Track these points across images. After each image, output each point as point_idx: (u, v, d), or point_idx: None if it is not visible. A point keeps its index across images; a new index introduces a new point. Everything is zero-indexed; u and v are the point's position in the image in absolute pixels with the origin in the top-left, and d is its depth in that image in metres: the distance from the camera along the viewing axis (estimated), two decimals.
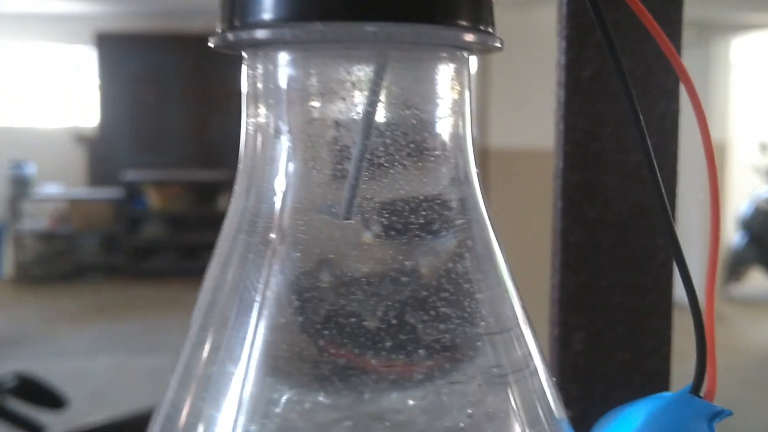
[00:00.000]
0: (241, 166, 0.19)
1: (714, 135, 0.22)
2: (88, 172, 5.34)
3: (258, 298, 0.17)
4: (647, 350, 0.33)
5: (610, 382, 0.33)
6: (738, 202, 4.50)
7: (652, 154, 0.21)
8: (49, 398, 1.98)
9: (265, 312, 0.17)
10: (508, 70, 3.14)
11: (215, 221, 4.98)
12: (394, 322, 0.18)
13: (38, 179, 5.00)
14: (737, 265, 4.34)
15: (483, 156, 3.44)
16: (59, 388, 2.00)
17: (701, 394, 0.22)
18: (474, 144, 0.20)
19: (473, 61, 0.19)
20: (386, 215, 0.18)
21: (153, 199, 5.01)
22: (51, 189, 5.04)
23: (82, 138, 5.31)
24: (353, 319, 0.17)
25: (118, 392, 3.05)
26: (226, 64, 4.70)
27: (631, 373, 0.33)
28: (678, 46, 0.32)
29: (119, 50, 5.19)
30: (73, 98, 5.39)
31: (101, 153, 5.26)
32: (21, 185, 4.85)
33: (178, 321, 3.92)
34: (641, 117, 0.21)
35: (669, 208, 0.22)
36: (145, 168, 5.13)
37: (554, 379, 0.20)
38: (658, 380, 0.33)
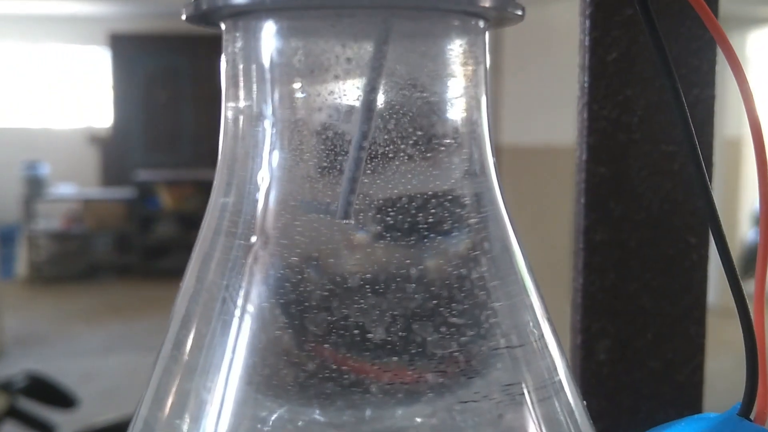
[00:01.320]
0: (220, 158, 0.16)
1: (728, 130, 0.20)
2: (101, 173, 5.34)
3: (238, 310, 0.15)
4: (678, 360, 0.30)
5: (637, 394, 0.30)
6: (754, 198, 4.44)
7: (696, 141, 0.18)
8: (60, 398, 1.98)
9: (247, 325, 0.15)
10: (520, 65, 3.10)
11: None
12: (398, 333, 0.15)
13: (52, 180, 5.01)
14: (753, 261, 4.28)
15: (495, 153, 3.39)
16: (69, 388, 1.99)
17: (752, 416, 0.20)
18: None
19: (488, 34, 0.16)
20: (389, 214, 0.15)
21: (165, 199, 5.01)
22: (64, 189, 5.05)
23: (95, 138, 5.32)
24: (349, 331, 0.15)
25: (130, 391, 3.04)
26: None
27: (660, 385, 0.30)
28: (713, 55, 0.29)
29: (132, 51, 5.19)
30: (86, 99, 5.40)
31: (114, 153, 5.27)
32: (35, 186, 4.86)
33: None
34: (684, 101, 0.19)
35: (712, 203, 0.20)
36: (158, 168, 5.13)
37: (583, 399, 0.18)
38: (691, 393, 0.30)
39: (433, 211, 0.16)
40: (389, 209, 0.15)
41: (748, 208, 4.44)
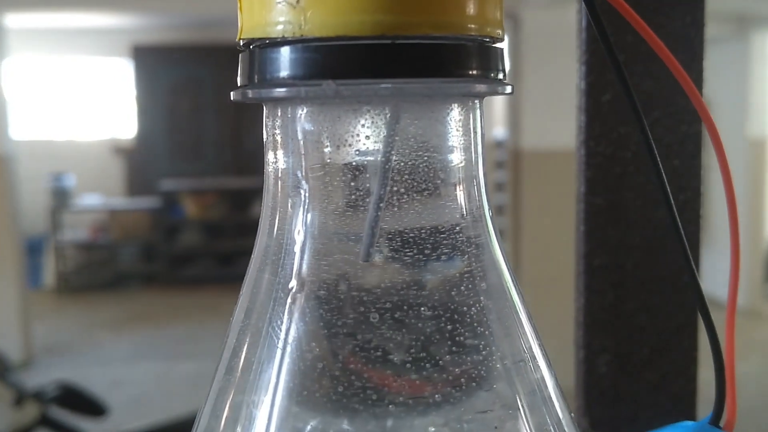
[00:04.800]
0: (263, 205, 0.20)
1: (752, 130, 0.22)
2: (127, 183, 5.43)
3: (280, 342, 0.18)
4: (673, 372, 0.33)
5: (636, 404, 0.33)
6: None
7: (665, 177, 0.21)
8: (90, 406, 2.03)
9: (287, 353, 0.18)
10: (540, 70, 3.12)
11: (251, 228, 5.02)
12: (411, 355, 0.18)
13: (78, 191, 5.11)
14: None
15: (515, 157, 3.43)
16: (99, 397, 2.04)
17: (721, 424, 0.22)
18: (505, 146, 0.20)
19: (482, 105, 0.20)
20: (400, 253, 0.18)
21: (189, 208, 5.08)
22: (90, 200, 5.14)
23: (119, 149, 5.41)
24: (371, 355, 0.18)
25: (157, 399, 3.10)
26: None
27: (657, 395, 0.33)
28: (700, 69, 0.32)
29: (155, 62, 5.28)
30: (110, 110, 5.49)
31: (138, 163, 5.35)
32: (61, 197, 4.95)
33: (215, 327, 3.97)
34: (653, 144, 0.22)
35: (691, 257, 0.23)
36: (182, 177, 5.20)
37: (571, 411, 0.21)
38: (685, 402, 0.33)
39: (439, 250, 0.19)
40: (402, 250, 0.19)
41: None
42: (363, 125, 0.18)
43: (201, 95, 5.38)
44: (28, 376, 2.99)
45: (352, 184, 0.18)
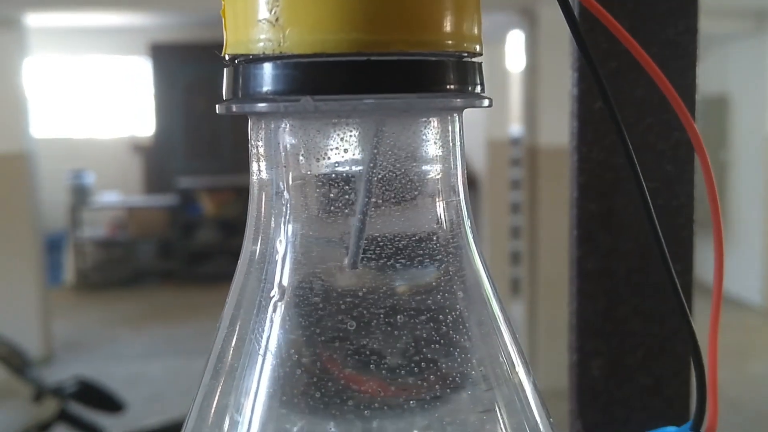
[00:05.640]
0: (248, 213, 0.20)
1: None
2: (145, 180, 5.48)
3: (262, 348, 0.19)
4: (666, 376, 0.33)
5: (629, 407, 0.33)
6: None
7: (646, 188, 0.22)
8: (108, 402, 2.05)
9: (269, 359, 0.19)
10: (556, 67, 3.11)
11: None
12: (391, 360, 0.19)
13: (97, 188, 5.16)
14: None
15: (532, 154, 3.42)
16: (117, 392, 2.06)
17: (702, 430, 0.23)
18: (521, 143, 0.21)
19: (461, 117, 0.20)
20: (379, 263, 0.19)
21: (207, 205, 5.12)
22: (109, 197, 5.19)
23: (137, 147, 5.46)
24: (352, 363, 0.19)
25: (174, 395, 3.13)
26: None
27: (650, 399, 0.33)
28: (693, 77, 0.32)
29: (172, 60, 5.31)
30: (129, 108, 5.54)
31: (156, 161, 5.39)
32: (81, 194, 5.00)
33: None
34: (635, 159, 0.22)
35: (665, 246, 0.23)
36: (199, 175, 5.24)
37: (549, 416, 0.21)
38: (678, 405, 0.33)
39: (419, 258, 0.19)
40: (382, 260, 0.19)
41: None
42: (342, 139, 0.18)
43: (218, 93, 5.35)
44: (47, 372, 3.03)
45: (331, 195, 0.19)
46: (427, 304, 0.19)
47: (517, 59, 3.97)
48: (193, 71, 5.36)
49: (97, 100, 5.51)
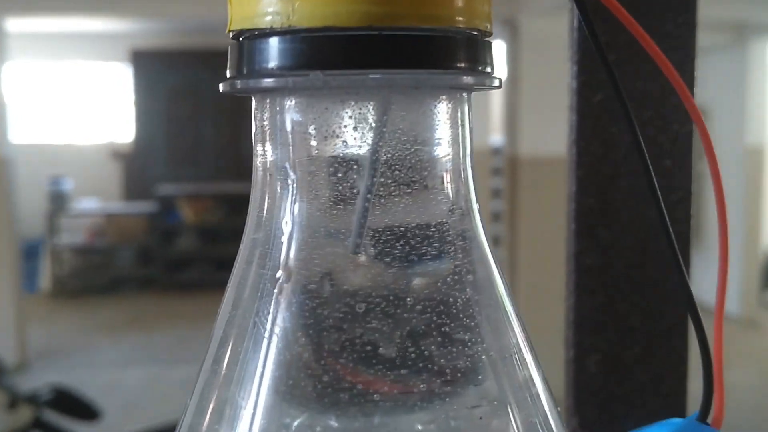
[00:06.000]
0: (251, 199, 0.20)
1: (750, 138, 0.22)
2: (124, 187, 5.43)
3: (267, 332, 0.18)
4: (664, 371, 0.33)
5: (626, 403, 0.33)
6: None
7: (655, 180, 0.21)
8: (84, 410, 2.02)
9: (274, 344, 0.18)
10: (537, 77, 3.13)
11: None
12: (400, 349, 0.18)
13: (75, 194, 5.10)
14: None
15: (512, 164, 3.43)
16: (93, 400, 2.03)
17: (709, 421, 0.22)
18: (502, 152, 0.20)
19: (470, 98, 0.20)
20: (390, 247, 0.18)
21: (186, 212, 5.08)
22: (88, 204, 5.14)
23: (117, 153, 5.41)
24: (359, 348, 0.18)
25: (152, 403, 3.09)
26: None
27: (647, 395, 0.33)
28: (692, 70, 0.32)
29: (153, 66, 5.28)
30: (108, 115, 5.49)
31: (136, 168, 5.35)
32: (59, 200, 4.95)
33: (210, 332, 3.95)
34: (644, 149, 0.22)
35: (673, 236, 0.23)
36: (179, 182, 5.20)
37: (557, 407, 0.21)
38: (675, 401, 0.33)
39: (427, 244, 0.19)
40: (390, 243, 0.19)
41: None
42: (350, 116, 0.18)
43: (199, 100, 5.38)
44: (22, 380, 2.98)
45: (339, 175, 0.18)
46: (437, 289, 0.19)
47: (498, 69, 3.98)
48: (174, 78, 5.33)
49: (76, 106, 5.46)
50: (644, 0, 0.31)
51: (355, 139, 0.18)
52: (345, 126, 0.18)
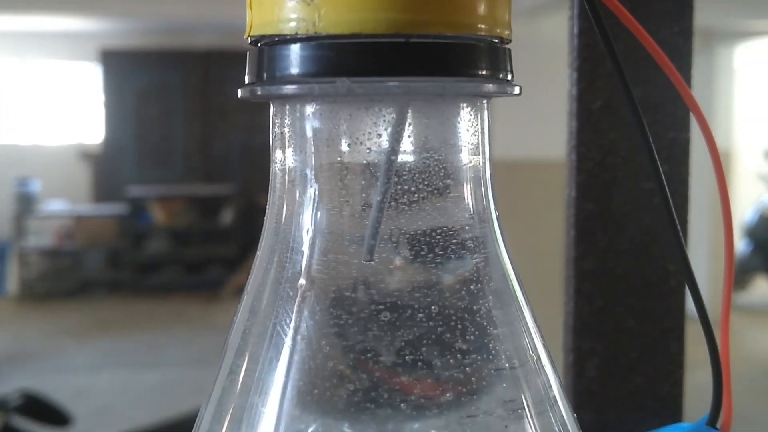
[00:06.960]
0: (269, 206, 0.20)
1: (718, 142, 0.23)
2: (93, 189, 5.35)
3: (288, 339, 0.18)
4: (661, 375, 0.33)
5: (624, 407, 0.33)
6: (743, 210, 4.50)
7: (665, 180, 0.22)
8: (54, 415, 1.99)
9: (295, 353, 0.18)
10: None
11: (219, 235, 5.00)
12: (416, 355, 0.18)
13: (43, 196, 5.02)
14: (742, 274, 4.34)
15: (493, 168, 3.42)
16: (63, 406, 2.00)
17: (718, 425, 0.23)
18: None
19: (490, 105, 0.20)
20: (409, 253, 0.18)
21: (157, 215, 5.03)
22: (56, 206, 5.06)
23: (86, 154, 5.33)
24: (376, 354, 0.18)
25: (121, 408, 3.05)
26: (229, 78, 4.73)
27: (645, 398, 0.33)
28: (688, 78, 0.33)
29: (123, 66, 5.22)
30: (77, 115, 5.41)
31: (105, 169, 5.28)
32: (26, 202, 4.86)
33: (182, 336, 3.93)
34: (653, 146, 0.22)
35: (682, 237, 0.23)
36: (150, 183, 5.14)
37: (574, 412, 0.21)
38: (672, 405, 0.33)
39: (445, 250, 0.19)
40: (408, 249, 0.19)
41: (738, 219, 4.50)
42: (375, 123, 0.18)
43: (170, 101, 5.33)
44: None
45: (363, 182, 0.18)
46: (457, 296, 0.19)
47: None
48: (144, 78, 5.27)
49: (44, 107, 5.37)
50: (641, 8, 0.32)
51: (379, 145, 0.18)
52: (369, 133, 0.18)
